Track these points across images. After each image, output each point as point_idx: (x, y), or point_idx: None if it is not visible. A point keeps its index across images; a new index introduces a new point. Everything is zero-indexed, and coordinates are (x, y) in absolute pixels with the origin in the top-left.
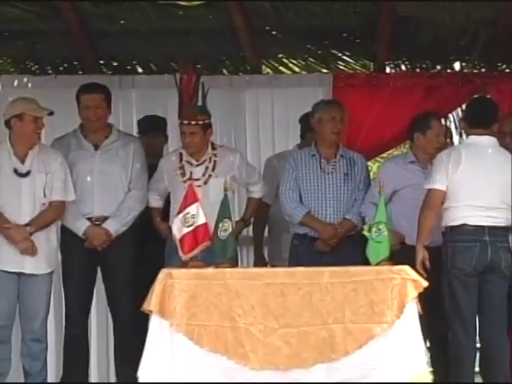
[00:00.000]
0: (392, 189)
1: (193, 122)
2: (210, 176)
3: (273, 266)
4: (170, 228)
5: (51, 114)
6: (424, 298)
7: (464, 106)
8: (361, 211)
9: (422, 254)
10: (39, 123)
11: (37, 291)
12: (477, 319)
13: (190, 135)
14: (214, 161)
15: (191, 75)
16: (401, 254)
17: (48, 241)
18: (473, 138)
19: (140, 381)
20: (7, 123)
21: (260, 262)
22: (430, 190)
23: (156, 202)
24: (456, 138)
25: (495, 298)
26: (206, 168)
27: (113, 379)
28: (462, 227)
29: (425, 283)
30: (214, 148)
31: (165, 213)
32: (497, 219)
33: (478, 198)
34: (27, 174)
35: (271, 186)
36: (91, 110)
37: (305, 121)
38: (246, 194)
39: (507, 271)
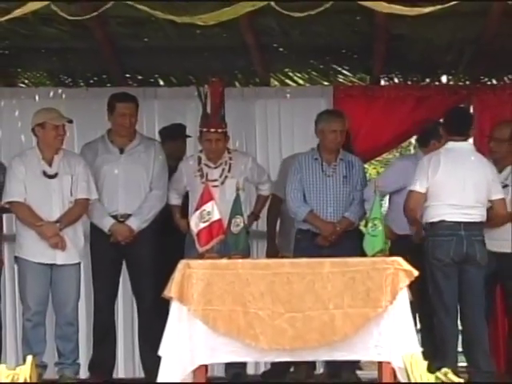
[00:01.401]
0: (403, 183)
1: (219, 130)
2: (226, 177)
3: (283, 256)
4: (188, 223)
5: (70, 122)
6: (415, 285)
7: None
8: (365, 195)
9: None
10: (60, 130)
11: (67, 280)
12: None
13: (216, 142)
14: (230, 164)
15: (219, 88)
16: (396, 243)
17: (75, 235)
18: (451, 144)
19: (161, 359)
20: (33, 131)
21: (272, 250)
22: (410, 191)
23: (175, 201)
24: None
25: (473, 285)
26: (223, 170)
27: (137, 359)
28: (441, 223)
29: (415, 273)
30: (229, 152)
31: (184, 210)
32: (472, 216)
33: (454, 197)
34: (55, 175)
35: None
36: (127, 117)
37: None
38: (256, 191)
39: (482, 261)
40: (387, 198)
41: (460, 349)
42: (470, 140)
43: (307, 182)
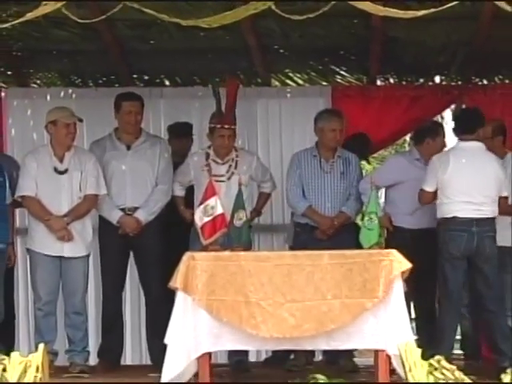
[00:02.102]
0: (398, 179)
1: (233, 127)
2: (232, 173)
3: (291, 248)
4: (192, 214)
5: (81, 120)
6: (413, 275)
7: (444, 114)
8: (361, 187)
9: None
10: (71, 128)
11: (75, 272)
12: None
13: (229, 138)
14: (236, 161)
15: (235, 86)
16: (393, 235)
17: (84, 228)
18: (461, 143)
19: (167, 346)
20: (46, 128)
21: None
22: (421, 189)
23: (179, 192)
24: None
25: (486, 278)
26: (230, 166)
27: (144, 347)
28: (454, 219)
29: (408, 265)
30: (235, 150)
31: (188, 202)
32: (483, 212)
33: (466, 194)
34: (65, 171)
35: None
36: (133, 115)
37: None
38: (258, 189)
39: (492, 256)
40: (383, 191)
41: (458, 337)
42: None
43: (306, 177)
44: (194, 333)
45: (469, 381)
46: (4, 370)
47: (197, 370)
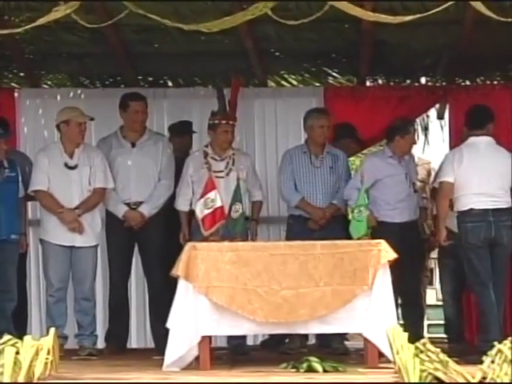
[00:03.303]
0: (375, 178)
1: (235, 123)
2: (230, 169)
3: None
4: (185, 239)
5: (92, 119)
6: (400, 264)
7: (429, 113)
8: (345, 194)
9: (443, 234)
10: (82, 127)
11: (85, 260)
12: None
13: (231, 133)
14: (233, 158)
15: (239, 85)
16: (378, 230)
17: (93, 220)
18: (472, 138)
19: (168, 329)
20: (57, 127)
21: None
22: (441, 182)
23: (184, 207)
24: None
25: (500, 264)
26: (227, 163)
27: (148, 331)
28: (471, 211)
29: (394, 255)
30: (232, 149)
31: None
32: (498, 202)
33: (480, 186)
34: (75, 167)
35: None
36: (140, 114)
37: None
38: (250, 198)
39: (509, 244)
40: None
41: (442, 322)
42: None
43: (298, 172)
44: (194, 318)
45: (452, 362)
46: (17, 352)
47: (198, 354)
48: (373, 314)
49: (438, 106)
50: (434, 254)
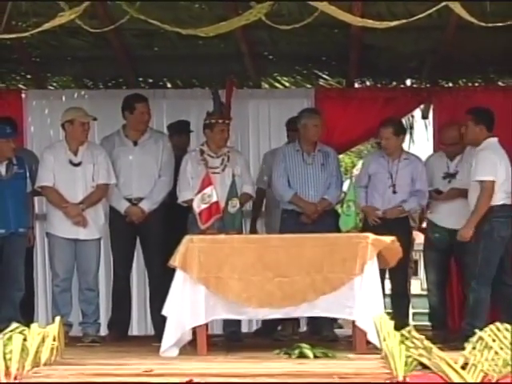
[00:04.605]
0: (369, 173)
1: (230, 122)
2: (226, 166)
3: (268, 232)
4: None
5: (95, 119)
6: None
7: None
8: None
9: (471, 232)
10: (85, 126)
11: (89, 252)
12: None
13: (227, 131)
14: (228, 155)
15: (232, 87)
16: (380, 225)
17: (96, 214)
18: (493, 139)
19: (166, 317)
20: (62, 126)
21: (253, 230)
22: (487, 181)
23: (188, 197)
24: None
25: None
26: (223, 160)
27: (148, 319)
28: (504, 207)
29: (387, 240)
30: (227, 146)
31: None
32: None
33: (508, 183)
34: (79, 164)
35: (266, 175)
36: (145, 115)
37: (289, 125)
38: (241, 189)
39: None
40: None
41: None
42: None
43: (291, 169)
44: (190, 306)
45: (436, 349)
46: (25, 339)
47: (190, 339)
48: (361, 301)
49: (422, 106)
50: (419, 247)
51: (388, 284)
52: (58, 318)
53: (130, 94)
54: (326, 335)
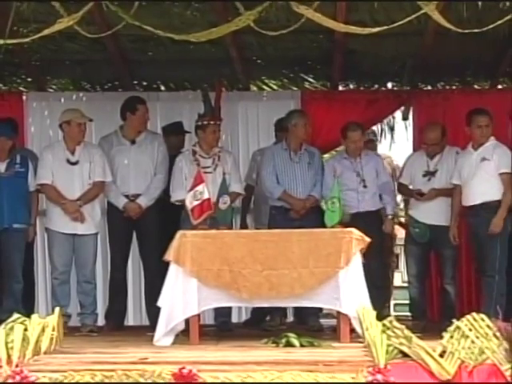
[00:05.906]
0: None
1: (220, 123)
2: (217, 165)
3: (257, 228)
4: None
5: (91, 120)
6: (369, 251)
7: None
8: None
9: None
10: (82, 127)
11: (86, 247)
12: None
13: (218, 132)
14: (219, 155)
15: (221, 88)
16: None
17: (93, 210)
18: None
19: (160, 307)
20: (60, 127)
21: (243, 225)
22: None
23: (181, 196)
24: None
25: None
26: (214, 159)
27: (144, 310)
28: None
29: (367, 240)
30: (218, 146)
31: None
32: None
33: None
34: (76, 162)
35: (255, 172)
36: (146, 116)
37: (277, 125)
38: (229, 188)
39: None
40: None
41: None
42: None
43: (279, 167)
44: (183, 298)
45: (416, 338)
46: (25, 329)
47: (183, 328)
48: (345, 293)
49: (403, 108)
50: (400, 241)
51: (397, 276)
52: (57, 309)
53: (129, 95)
54: (311, 325)
